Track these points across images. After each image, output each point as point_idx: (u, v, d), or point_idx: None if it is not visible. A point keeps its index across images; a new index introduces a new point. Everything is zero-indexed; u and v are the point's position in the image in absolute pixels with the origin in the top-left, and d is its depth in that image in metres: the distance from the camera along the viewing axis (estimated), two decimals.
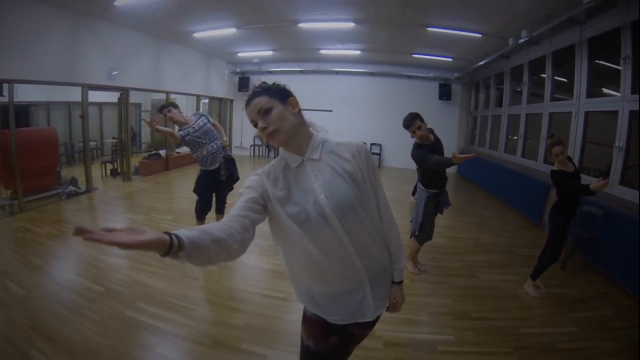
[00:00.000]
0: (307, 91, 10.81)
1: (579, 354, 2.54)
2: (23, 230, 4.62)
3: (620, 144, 4.30)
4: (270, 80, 1.37)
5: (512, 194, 6.88)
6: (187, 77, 9.50)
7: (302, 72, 11.04)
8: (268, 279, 3.54)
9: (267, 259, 3.93)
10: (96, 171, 7.07)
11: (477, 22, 6.42)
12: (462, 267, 3.94)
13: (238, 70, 11.56)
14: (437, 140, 3.59)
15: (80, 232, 0.80)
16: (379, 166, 11.15)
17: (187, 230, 0.99)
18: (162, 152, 9.03)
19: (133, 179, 7.85)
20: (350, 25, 6.89)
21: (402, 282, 1.45)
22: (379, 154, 11.25)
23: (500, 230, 5.47)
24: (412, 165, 3.56)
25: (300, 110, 1.35)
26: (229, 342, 2.55)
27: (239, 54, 10.03)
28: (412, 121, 3.42)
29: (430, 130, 3.60)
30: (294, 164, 1.31)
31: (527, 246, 4.74)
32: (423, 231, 3.65)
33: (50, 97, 8.77)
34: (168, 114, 3.76)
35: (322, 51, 9.38)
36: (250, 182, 1.29)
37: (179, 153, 9.42)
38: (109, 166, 8.25)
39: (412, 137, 3.51)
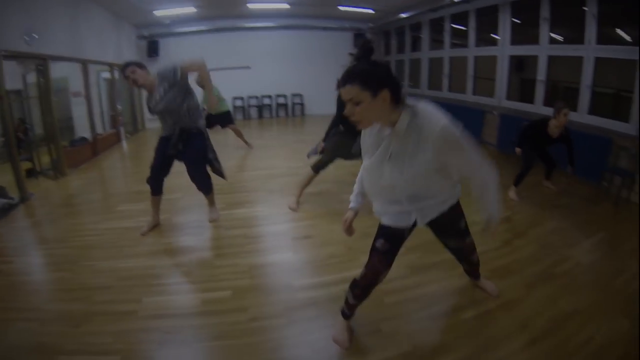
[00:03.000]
0: (224, 50, 11.07)
1: None
2: None
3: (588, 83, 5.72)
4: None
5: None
6: (102, 42, 8.53)
7: (217, 30, 10.84)
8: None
9: None
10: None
11: None
12: None
13: (146, 34, 10.67)
14: None
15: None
16: (302, 115, 12.05)
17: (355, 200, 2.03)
18: (87, 135, 7.94)
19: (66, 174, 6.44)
20: None
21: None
22: (301, 104, 12.11)
23: None
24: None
25: (391, 99, 1.49)
26: None
27: (155, 12, 9.21)
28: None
29: None
30: (385, 132, 1.61)
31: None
32: (321, 157, 4.12)
33: None
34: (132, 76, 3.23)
35: (249, 5, 9.46)
36: None
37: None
38: (25, 165, 6.32)
39: None
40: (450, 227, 2.11)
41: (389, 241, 1.93)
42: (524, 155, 4.78)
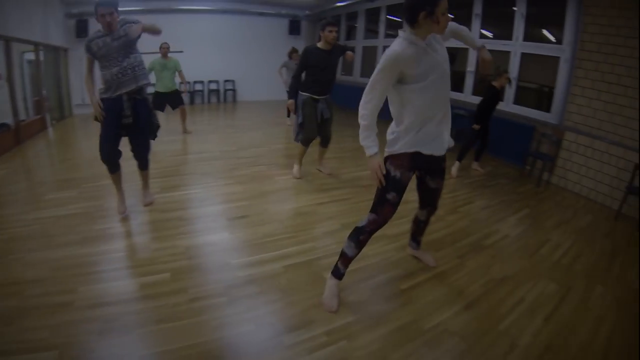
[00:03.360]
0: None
1: None
2: None
3: (514, 75, 6.17)
4: None
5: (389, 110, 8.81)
6: (27, 19, 7.56)
7: (150, 11, 10.27)
8: None
9: None
10: None
11: None
12: None
13: (75, 11, 9.82)
14: (337, 48, 4.23)
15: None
16: (234, 101, 11.82)
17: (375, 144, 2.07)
18: (9, 121, 6.95)
19: None
20: None
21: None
22: (233, 90, 11.85)
23: None
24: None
25: None
26: None
27: None
28: (324, 24, 4.04)
29: (343, 46, 4.32)
30: (421, 46, 1.96)
31: None
32: (303, 132, 4.33)
33: None
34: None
35: None
36: None
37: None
38: None
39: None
40: (441, 164, 2.35)
41: (399, 194, 2.18)
42: (475, 132, 5.17)
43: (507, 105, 6.02)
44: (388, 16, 9.21)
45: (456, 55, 7.59)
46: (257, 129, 7.61)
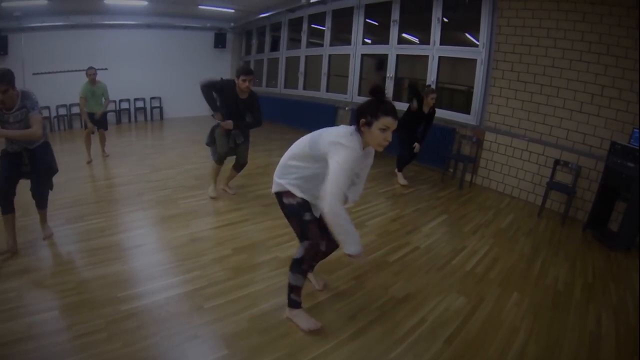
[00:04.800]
0: (78, 49, 9.94)
1: None
2: None
3: (432, 79, 6.18)
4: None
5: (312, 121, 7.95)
6: None
7: (72, 27, 9.61)
8: None
9: None
10: None
11: None
12: None
13: None
14: (251, 100, 4.07)
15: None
16: (161, 119, 11.36)
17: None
18: None
19: None
20: None
21: None
22: (160, 107, 11.33)
23: None
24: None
25: None
26: None
27: (2, 3, 7.73)
28: (239, 72, 3.90)
29: (252, 94, 4.06)
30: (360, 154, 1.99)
31: None
32: (217, 152, 4.25)
33: None
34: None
35: (105, 0, 8.47)
36: None
37: None
38: None
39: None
40: None
41: (311, 211, 2.16)
42: (400, 140, 5.00)
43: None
44: (313, 25, 9.06)
45: (384, 62, 7.42)
46: (175, 149, 7.20)
